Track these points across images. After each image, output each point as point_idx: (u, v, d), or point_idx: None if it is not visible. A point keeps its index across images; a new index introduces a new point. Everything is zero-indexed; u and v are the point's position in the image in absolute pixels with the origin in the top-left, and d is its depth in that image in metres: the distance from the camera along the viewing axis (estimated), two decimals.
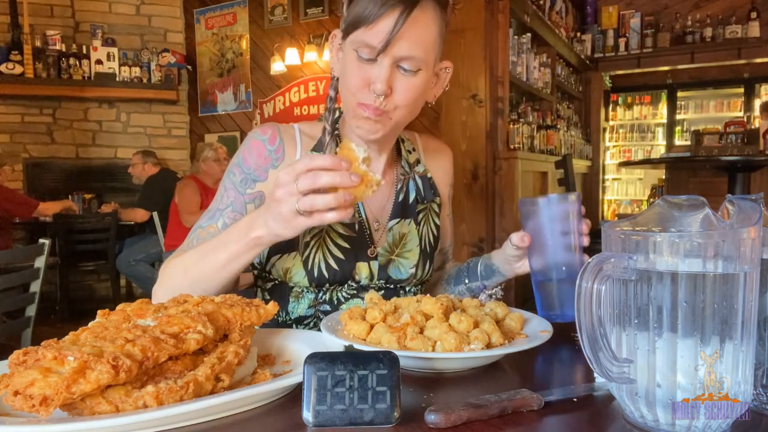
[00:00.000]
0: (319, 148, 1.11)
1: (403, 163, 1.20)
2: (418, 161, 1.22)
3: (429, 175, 1.23)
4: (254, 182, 1.08)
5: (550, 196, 0.95)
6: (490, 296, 1.16)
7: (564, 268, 0.94)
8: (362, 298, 1.10)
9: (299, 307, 1.10)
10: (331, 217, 0.80)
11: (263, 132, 1.10)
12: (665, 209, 0.60)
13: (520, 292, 3.56)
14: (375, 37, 0.93)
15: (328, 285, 1.09)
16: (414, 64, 0.97)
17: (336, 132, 1.11)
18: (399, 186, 1.17)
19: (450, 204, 1.30)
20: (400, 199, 1.16)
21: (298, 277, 1.07)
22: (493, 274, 1.16)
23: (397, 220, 1.15)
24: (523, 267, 1.09)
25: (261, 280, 1.16)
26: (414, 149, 1.24)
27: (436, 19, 0.97)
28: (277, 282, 1.12)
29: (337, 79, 1.08)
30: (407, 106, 1.00)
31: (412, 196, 1.18)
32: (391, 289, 1.14)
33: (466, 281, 1.21)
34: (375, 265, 1.11)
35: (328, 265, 1.07)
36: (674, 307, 0.55)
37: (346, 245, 1.09)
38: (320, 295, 1.10)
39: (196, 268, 0.95)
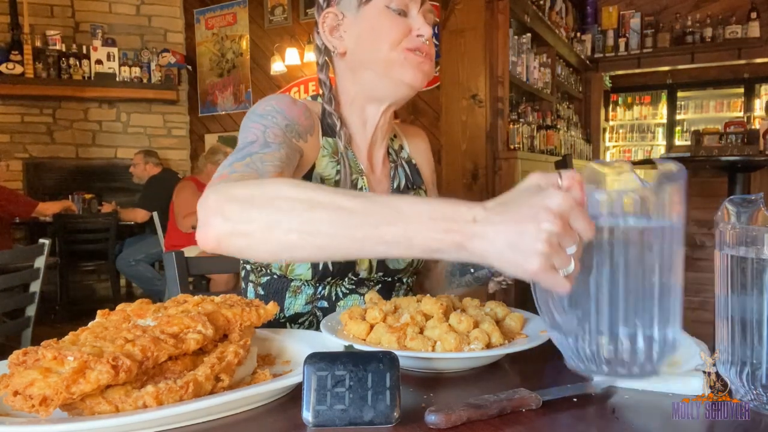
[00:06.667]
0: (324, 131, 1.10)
1: (390, 150, 1.20)
2: (401, 147, 1.22)
3: (414, 161, 1.23)
4: (299, 135, 1.02)
5: None
6: (500, 283, 1.07)
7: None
8: (360, 294, 1.10)
9: (296, 302, 1.09)
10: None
11: (296, 101, 1.07)
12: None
13: (520, 293, 3.56)
14: None
15: (330, 279, 1.08)
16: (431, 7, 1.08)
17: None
18: (392, 174, 1.18)
19: (435, 189, 1.29)
20: (394, 187, 1.17)
21: (302, 269, 1.05)
22: None
23: None
24: None
25: (254, 274, 1.14)
26: (396, 135, 1.23)
27: None
28: (274, 276, 1.10)
29: (327, 62, 1.11)
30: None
31: (402, 184, 1.18)
32: (389, 281, 1.13)
33: (472, 270, 1.18)
34: None
35: None
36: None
37: None
38: (319, 290, 1.09)
39: (327, 222, 0.66)
